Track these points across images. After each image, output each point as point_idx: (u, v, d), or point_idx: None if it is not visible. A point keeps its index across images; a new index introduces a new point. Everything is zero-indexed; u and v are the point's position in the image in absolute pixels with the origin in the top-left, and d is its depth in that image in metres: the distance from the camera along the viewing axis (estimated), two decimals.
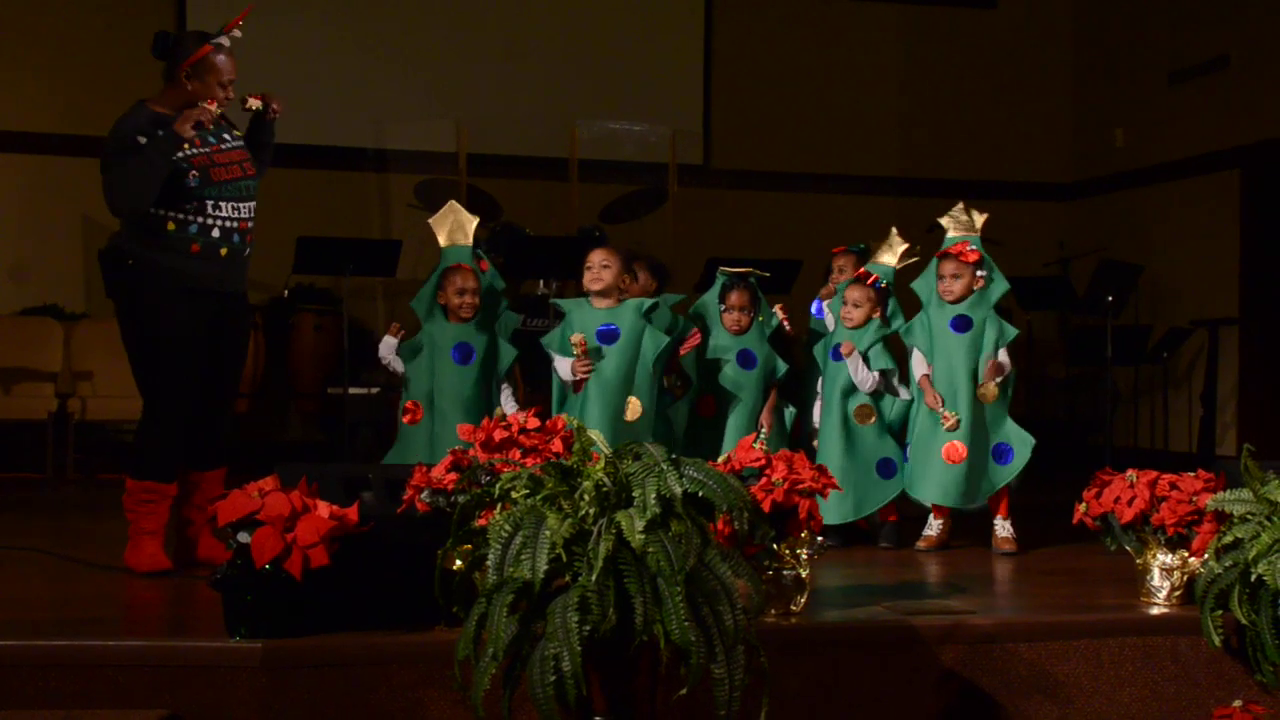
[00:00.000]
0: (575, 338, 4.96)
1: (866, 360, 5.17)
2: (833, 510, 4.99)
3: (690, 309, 5.44)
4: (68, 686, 3.15)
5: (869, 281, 5.25)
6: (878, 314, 5.25)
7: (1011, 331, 5.16)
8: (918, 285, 5.24)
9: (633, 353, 5.00)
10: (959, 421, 5.00)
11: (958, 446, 5.01)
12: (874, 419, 5.21)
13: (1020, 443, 5.09)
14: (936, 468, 5.04)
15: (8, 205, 8.80)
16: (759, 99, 9.96)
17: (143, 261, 4.30)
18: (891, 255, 5.37)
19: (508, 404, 5.13)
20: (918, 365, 5.17)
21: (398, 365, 5.18)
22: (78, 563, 4.53)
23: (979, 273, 5.15)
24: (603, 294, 5.08)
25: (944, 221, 5.26)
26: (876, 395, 5.22)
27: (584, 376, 4.97)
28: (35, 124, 8.77)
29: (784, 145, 9.95)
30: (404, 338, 5.18)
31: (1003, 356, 5.11)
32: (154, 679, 3.17)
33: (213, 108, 4.34)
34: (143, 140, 4.24)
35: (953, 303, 5.12)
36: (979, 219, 5.25)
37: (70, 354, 8.27)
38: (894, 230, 5.41)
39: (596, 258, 5.11)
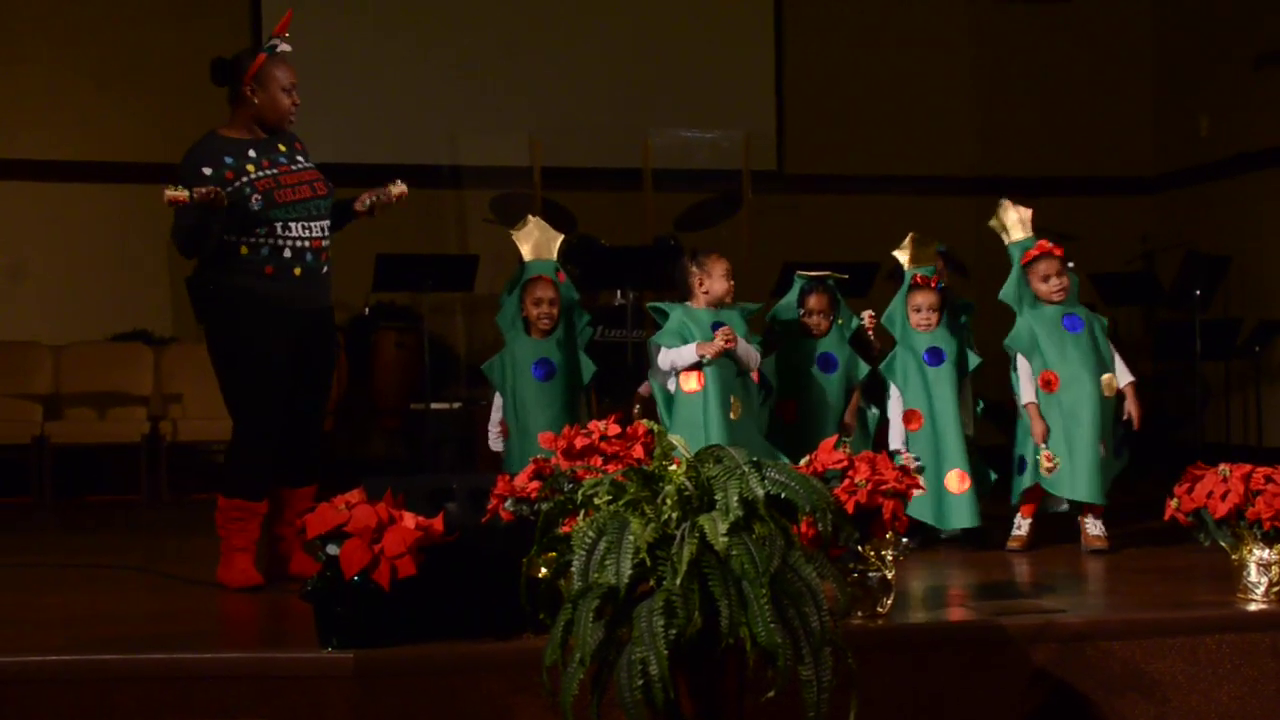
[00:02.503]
0: (726, 330, 4.90)
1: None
2: (965, 514, 4.99)
3: (769, 314, 5.42)
4: (167, 698, 3.22)
5: (933, 284, 5.21)
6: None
7: (1104, 320, 5.14)
8: (1007, 294, 5.14)
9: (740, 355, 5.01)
10: (1057, 466, 4.95)
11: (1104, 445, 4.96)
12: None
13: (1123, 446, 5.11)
14: (1087, 463, 4.95)
15: (101, 232, 9.03)
16: (832, 102, 9.90)
17: (222, 286, 4.38)
18: (928, 256, 5.31)
19: None
20: (1025, 387, 5.07)
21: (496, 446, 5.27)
22: (173, 579, 4.63)
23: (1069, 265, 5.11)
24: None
25: (999, 224, 5.18)
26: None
27: (723, 347, 4.87)
28: (123, 154, 8.98)
29: (859, 147, 9.88)
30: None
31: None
32: (250, 690, 3.23)
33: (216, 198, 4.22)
34: (208, 172, 4.31)
35: (1061, 302, 5.06)
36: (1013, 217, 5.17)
37: (160, 377, 8.45)
38: (912, 235, 5.33)
39: (727, 269, 5.06)
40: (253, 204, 4.33)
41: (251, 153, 4.39)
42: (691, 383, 4.93)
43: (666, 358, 5.00)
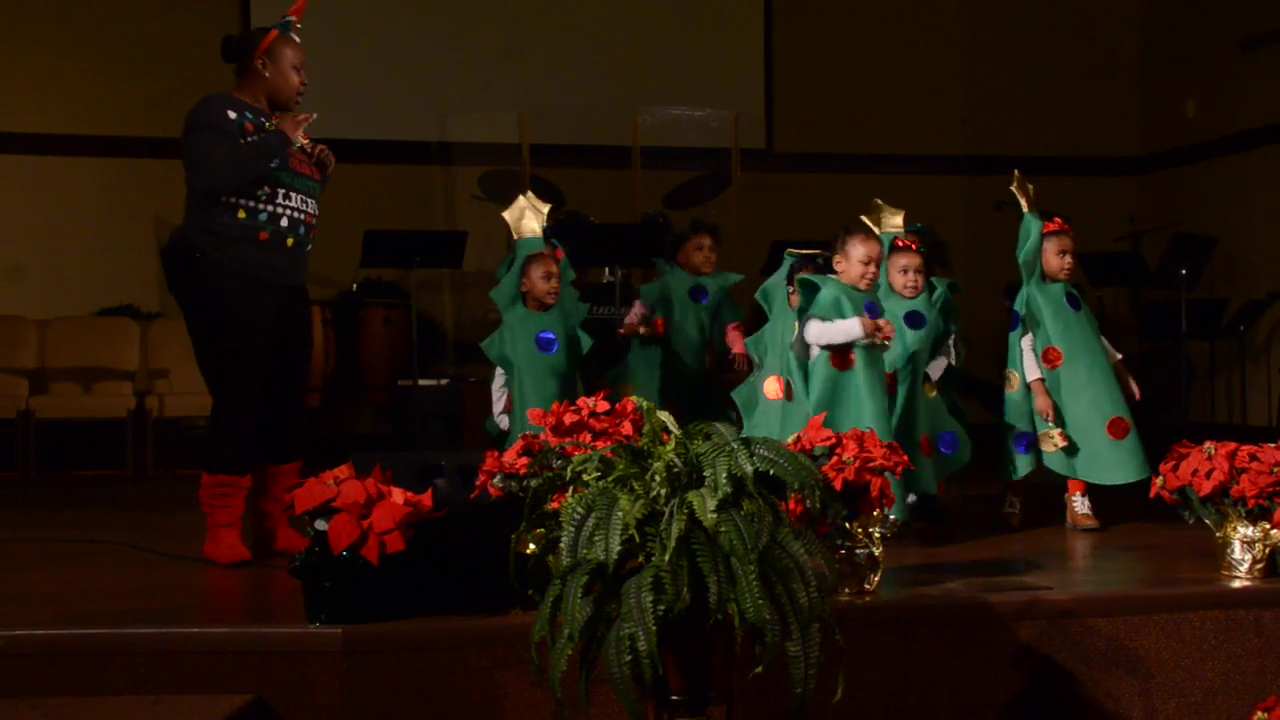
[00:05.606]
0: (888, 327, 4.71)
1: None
2: (922, 480, 4.99)
3: (757, 292, 5.42)
4: (156, 672, 3.22)
5: (914, 246, 5.20)
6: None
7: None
8: (1027, 258, 5.06)
9: None
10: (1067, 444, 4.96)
11: (1123, 420, 4.95)
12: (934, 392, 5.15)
13: None
14: (1105, 447, 4.94)
15: (86, 207, 8.99)
16: (821, 81, 9.90)
17: (210, 254, 4.35)
18: (896, 217, 5.30)
19: None
20: (1029, 362, 5.04)
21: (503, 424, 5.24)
22: (161, 555, 4.62)
23: None
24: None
25: (1019, 190, 5.13)
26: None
27: (883, 338, 4.68)
28: (110, 127, 8.95)
29: (847, 126, 9.88)
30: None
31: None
32: (238, 665, 3.23)
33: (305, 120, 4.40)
34: (232, 115, 4.32)
35: (1066, 280, 5.08)
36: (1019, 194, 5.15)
37: (147, 353, 8.44)
38: (875, 200, 5.31)
39: (866, 254, 4.78)
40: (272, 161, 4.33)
41: (263, 119, 4.39)
42: (773, 387, 4.89)
43: (820, 331, 4.67)
